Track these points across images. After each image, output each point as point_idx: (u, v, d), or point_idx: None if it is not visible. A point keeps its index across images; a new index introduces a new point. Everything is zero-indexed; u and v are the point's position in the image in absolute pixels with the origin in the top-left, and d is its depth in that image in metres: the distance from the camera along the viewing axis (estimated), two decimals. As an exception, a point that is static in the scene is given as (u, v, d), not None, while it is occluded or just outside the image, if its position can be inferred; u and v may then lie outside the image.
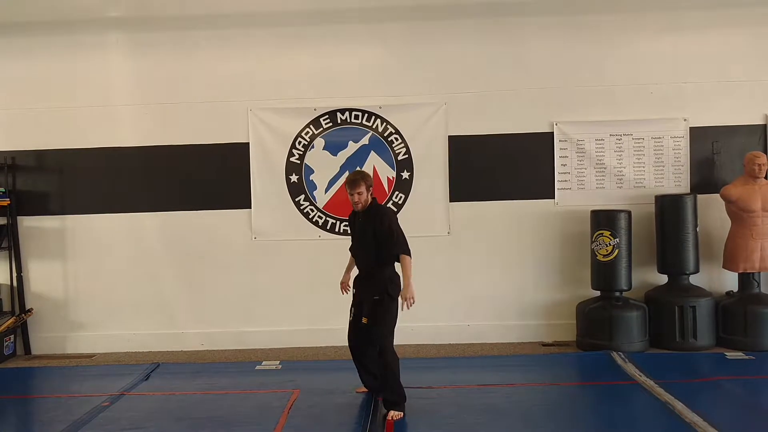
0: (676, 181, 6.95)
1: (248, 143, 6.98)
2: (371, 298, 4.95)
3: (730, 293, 6.68)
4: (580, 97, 6.91)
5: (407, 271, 4.86)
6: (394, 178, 6.96)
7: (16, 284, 7.02)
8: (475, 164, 6.94)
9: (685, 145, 6.93)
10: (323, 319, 6.84)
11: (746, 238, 6.44)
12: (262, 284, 7.01)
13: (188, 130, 6.97)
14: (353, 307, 5.17)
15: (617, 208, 6.68)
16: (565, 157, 6.96)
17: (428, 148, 6.96)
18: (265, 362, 6.37)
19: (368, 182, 5.01)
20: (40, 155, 7.04)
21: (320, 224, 6.98)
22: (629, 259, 6.52)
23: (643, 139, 6.93)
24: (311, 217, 7.00)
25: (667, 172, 6.95)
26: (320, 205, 6.99)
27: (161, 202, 7.03)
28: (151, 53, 6.98)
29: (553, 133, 6.94)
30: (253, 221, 7.01)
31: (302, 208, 7.01)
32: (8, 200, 6.91)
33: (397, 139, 6.97)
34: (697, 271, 6.62)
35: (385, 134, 6.97)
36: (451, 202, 6.97)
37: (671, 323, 6.42)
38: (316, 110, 6.96)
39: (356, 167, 6.91)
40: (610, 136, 6.94)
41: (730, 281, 6.78)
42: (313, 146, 6.99)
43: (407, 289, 4.83)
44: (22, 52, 7.00)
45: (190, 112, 6.96)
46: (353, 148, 6.98)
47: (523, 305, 7.00)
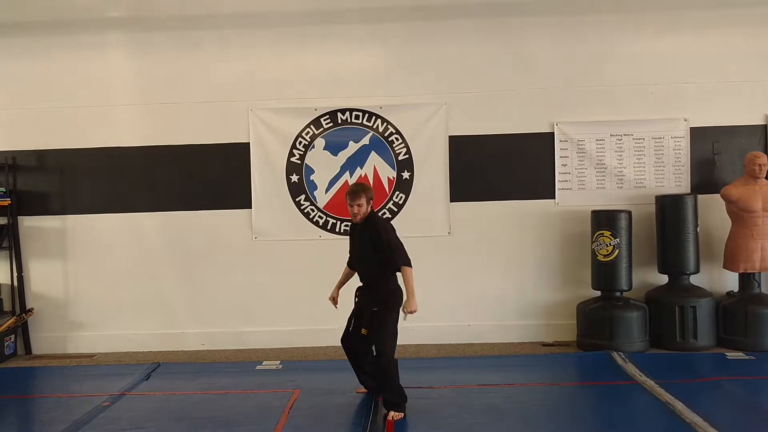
0: (676, 181, 6.95)
1: (249, 143, 6.98)
2: (371, 309, 4.93)
3: (730, 293, 6.68)
4: (580, 97, 6.91)
5: (409, 282, 4.83)
6: (394, 178, 6.96)
7: (16, 284, 7.02)
8: (475, 164, 6.94)
9: (685, 145, 6.93)
10: (323, 319, 6.77)
11: (747, 238, 6.44)
12: (262, 284, 7.01)
13: (188, 130, 6.98)
14: (353, 317, 5.12)
15: (618, 208, 6.68)
16: (565, 157, 6.96)
17: (429, 148, 6.96)
18: (265, 362, 6.37)
19: (369, 195, 4.97)
20: (40, 155, 7.04)
21: (321, 224, 6.98)
22: (630, 259, 6.52)
23: (643, 139, 6.93)
24: (312, 217, 7.00)
25: (667, 172, 6.95)
26: (321, 205, 6.99)
27: (162, 202, 7.03)
28: (151, 53, 6.98)
29: (553, 133, 6.94)
30: (253, 221, 7.01)
31: (303, 208, 7.01)
32: (9, 200, 6.92)
33: (397, 139, 6.97)
34: (697, 271, 6.62)
35: (385, 134, 6.97)
36: (451, 202, 6.97)
37: (672, 323, 6.42)
38: (316, 110, 6.96)
39: (357, 167, 6.93)
40: (610, 136, 6.94)
41: (730, 281, 6.77)
42: (313, 146, 6.99)
43: (410, 301, 4.81)
44: (22, 52, 7.00)
45: (190, 112, 6.96)
46: (354, 148, 6.98)
47: (523, 305, 7.00)
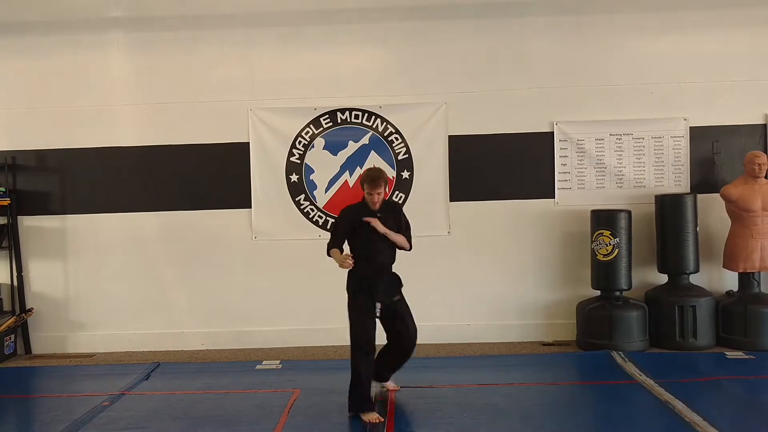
0: (676, 180, 6.95)
1: (248, 143, 6.98)
2: (393, 298, 5.00)
3: (730, 293, 6.68)
4: (580, 96, 6.91)
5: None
6: (394, 177, 6.96)
7: (16, 284, 7.03)
8: (475, 164, 6.95)
9: (685, 144, 6.93)
10: (323, 318, 6.84)
11: (746, 237, 6.44)
12: (261, 284, 7.01)
13: (188, 130, 6.98)
14: (371, 304, 4.94)
15: (617, 207, 6.68)
16: (565, 156, 6.96)
17: (428, 147, 6.96)
18: (265, 362, 6.38)
19: (386, 180, 5.04)
20: (40, 155, 7.04)
21: (320, 224, 6.99)
22: (629, 258, 6.52)
23: (643, 138, 6.93)
24: (311, 216, 7.01)
25: (667, 171, 6.95)
26: (320, 204, 6.99)
27: (161, 202, 7.03)
28: (151, 53, 6.98)
29: (553, 132, 6.94)
30: (253, 221, 7.01)
31: (302, 207, 7.01)
32: (8, 200, 6.92)
33: (397, 138, 6.97)
34: (697, 270, 6.62)
35: (385, 134, 6.97)
36: (451, 201, 6.97)
37: (671, 323, 6.42)
38: (316, 110, 6.96)
39: (356, 167, 6.93)
40: (610, 135, 6.95)
41: (730, 281, 6.77)
42: (313, 146, 6.99)
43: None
44: (22, 51, 7.00)
45: (190, 112, 6.97)
46: (353, 147, 6.99)
47: (523, 305, 7.00)
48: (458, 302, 6.97)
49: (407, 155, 6.98)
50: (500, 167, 6.95)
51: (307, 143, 6.99)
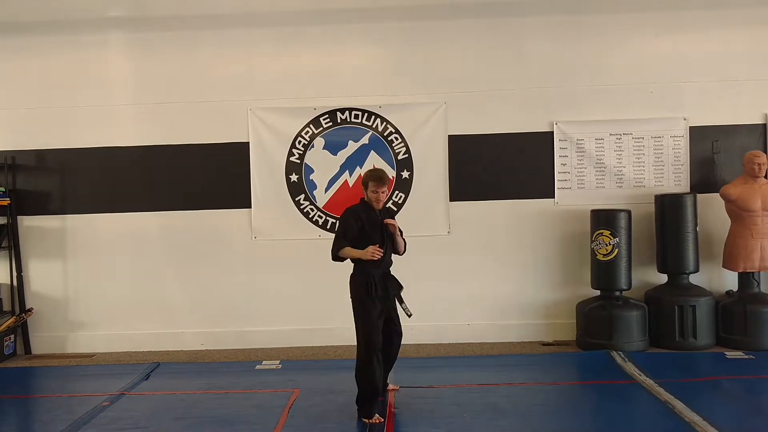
0: (675, 180, 6.95)
1: (248, 143, 6.98)
2: (392, 296, 4.98)
3: (729, 293, 6.68)
4: (579, 96, 6.92)
5: None
6: (394, 177, 6.96)
7: (16, 284, 7.03)
8: (474, 164, 6.95)
9: (684, 144, 6.93)
10: (323, 318, 6.84)
11: (746, 237, 6.44)
12: (261, 284, 7.01)
13: (188, 129, 6.97)
14: (383, 309, 4.91)
15: (617, 207, 6.68)
16: (564, 156, 6.96)
17: (428, 147, 6.96)
18: (265, 362, 6.38)
19: (390, 182, 5.14)
20: (40, 155, 7.04)
21: (320, 224, 6.99)
22: (629, 258, 6.52)
23: (642, 138, 6.93)
24: (311, 216, 7.01)
25: (666, 171, 6.95)
26: (320, 204, 6.99)
27: (161, 201, 7.03)
28: (150, 53, 6.98)
29: (552, 132, 6.94)
30: (253, 221, 7.01)
31: (302, 207, 7.01)
32: (8, 200, 6.92)
33: (397, 138, 6.97)
34: (696, 270, 6.62)
35: (385, 134, 6.97)
36: (451, 201, 6.97)
37: (671, 323, 6.42)
38: (315, 110, 6.96)
39: (356, 166, 6.93)
40: (609, 135, 6.95)
41: (729, 280, 6.78)
42: (313, 146, 6.99)
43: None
44: (22, 51, 7.00)
45: (190, 111, 6.96)
46: (353, 147, 6.98)
47: (523, 304, 7.00)
48: (458, 302, 6.97)
49: (407, 155, 6.98)
50: (500, 167, 6.95)
51: (306, 143, 7.00)
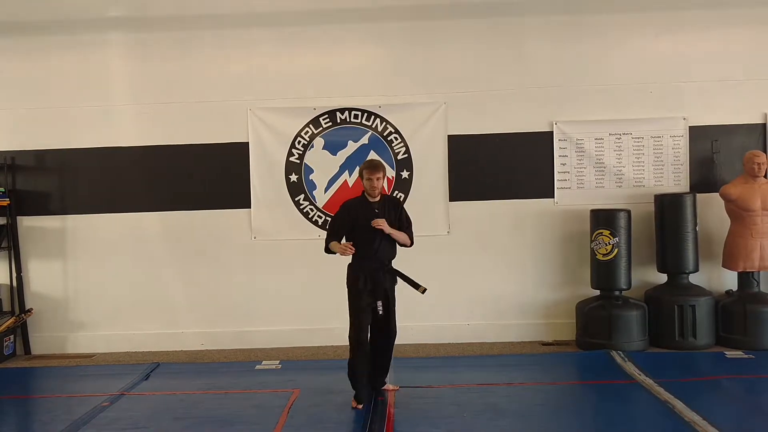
0: (675, 180, 6.95)
1: (248, 143, 6.98)
2: (387, 291, 5.03)
3: (729, 292, 6.68)
4: (579, 96, 6.92)
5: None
6: (393, 177, 6.96)
7: (15, 284, 7.02)
8: (474, 164, 6.95)
9: (684, 144, 6.93)
10: (323, 318, 6.84)
11: (746, 237, 6.44)
12: (261, 284, 7.01)
13: (188, 130, 6.97)
14: (373, 302, 4.99)
15: (617, 207, 6.69)
16: (564, 156, 6.96)
17: (428, 147, 6.96)
18: (265, 362, 6.38)
19: (385, 170, 5.14)
20: (40, 155, 7.04)
21: (320, 224, 6.98)
22: (629, 258, 6.52)
23: (642, 138, 6.94)
24: (311, 216, 7.01)
25: (666, 171, 6.95)
26: (320, 204, 6.99)
27: (161, 201, 7.03)
28: (151, 53, 6.98)
29: (552, 132, 6.94)
30: (252, 221, 7.01)
31: (302, 207, 7.01)
32: (8, 200, 6.92)
33: (396, 138, 6.97)
34: (696, 270, 6.62)
35: (384, 134, 6.97)
36: (450, 201, 6.97)
37: (671, 322, 6.42)
38: (315, 110, 6.96)
39: (356, 166, 6.88)
40: (609, 135, 6.95)
41: (729, 280, 6.78)
42: (312, 146, 6.99)
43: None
44: (22, 51, 7.00)
45: (190, 112, 6.97)
46: (353, 147, 6.99)
47: (522, 304, 7.00)
48: (458, 302, 6.97)
49: (407, 155, 6.98)
50: (500, 167, 6.95)
51: (306, 143, 7.00)
